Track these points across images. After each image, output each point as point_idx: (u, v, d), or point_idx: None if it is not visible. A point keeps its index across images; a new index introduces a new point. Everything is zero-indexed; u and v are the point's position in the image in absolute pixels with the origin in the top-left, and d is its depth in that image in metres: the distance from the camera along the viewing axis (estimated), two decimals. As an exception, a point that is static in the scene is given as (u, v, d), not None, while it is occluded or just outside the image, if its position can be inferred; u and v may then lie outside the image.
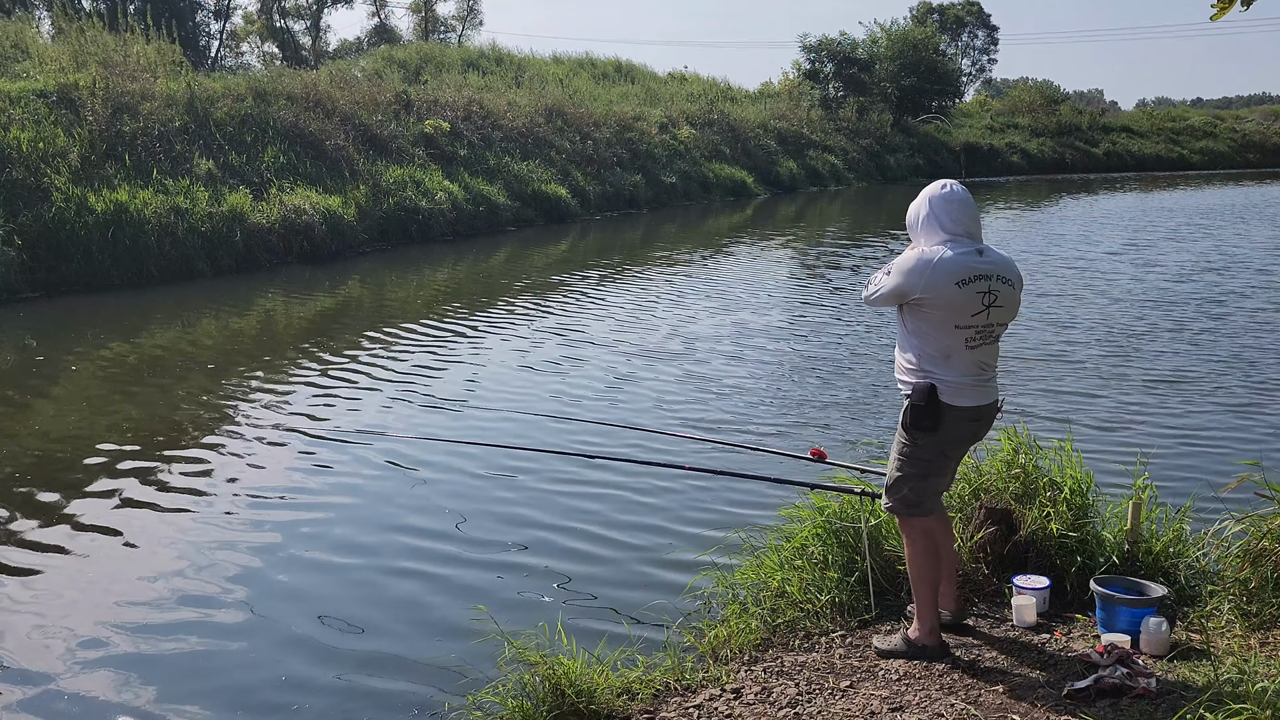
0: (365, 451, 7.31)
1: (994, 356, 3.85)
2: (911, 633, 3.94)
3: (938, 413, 3.71)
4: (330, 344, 11.05)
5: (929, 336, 3.74)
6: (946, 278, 3.65)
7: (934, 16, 66.30)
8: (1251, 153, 52.34)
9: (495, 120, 25.36)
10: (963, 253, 3.68)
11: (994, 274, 3.71)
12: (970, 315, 3.69)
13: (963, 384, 3.74)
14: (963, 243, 3.71)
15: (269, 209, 16.86)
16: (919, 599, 3.92)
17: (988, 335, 3.75)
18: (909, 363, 3.81)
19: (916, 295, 3.69)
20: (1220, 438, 7.37)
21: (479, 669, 4.23)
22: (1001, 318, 3.77)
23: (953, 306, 3.67)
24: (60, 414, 8.46)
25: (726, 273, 16.54)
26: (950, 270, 3.65)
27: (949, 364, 3.73)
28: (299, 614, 4.91)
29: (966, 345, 3.72)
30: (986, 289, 3.69)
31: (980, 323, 3.71)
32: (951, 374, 3.73)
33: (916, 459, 3.81)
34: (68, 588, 5.18)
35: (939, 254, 3.68)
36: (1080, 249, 18.55)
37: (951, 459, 3.92)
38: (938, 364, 3.73)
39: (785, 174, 34.14)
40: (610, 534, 5.80)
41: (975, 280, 3.67)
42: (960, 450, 3.96)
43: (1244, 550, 4.17)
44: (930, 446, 3.78)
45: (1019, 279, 3.83)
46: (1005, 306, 3.76)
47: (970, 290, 3.67)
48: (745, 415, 8.09)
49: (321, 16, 56.53)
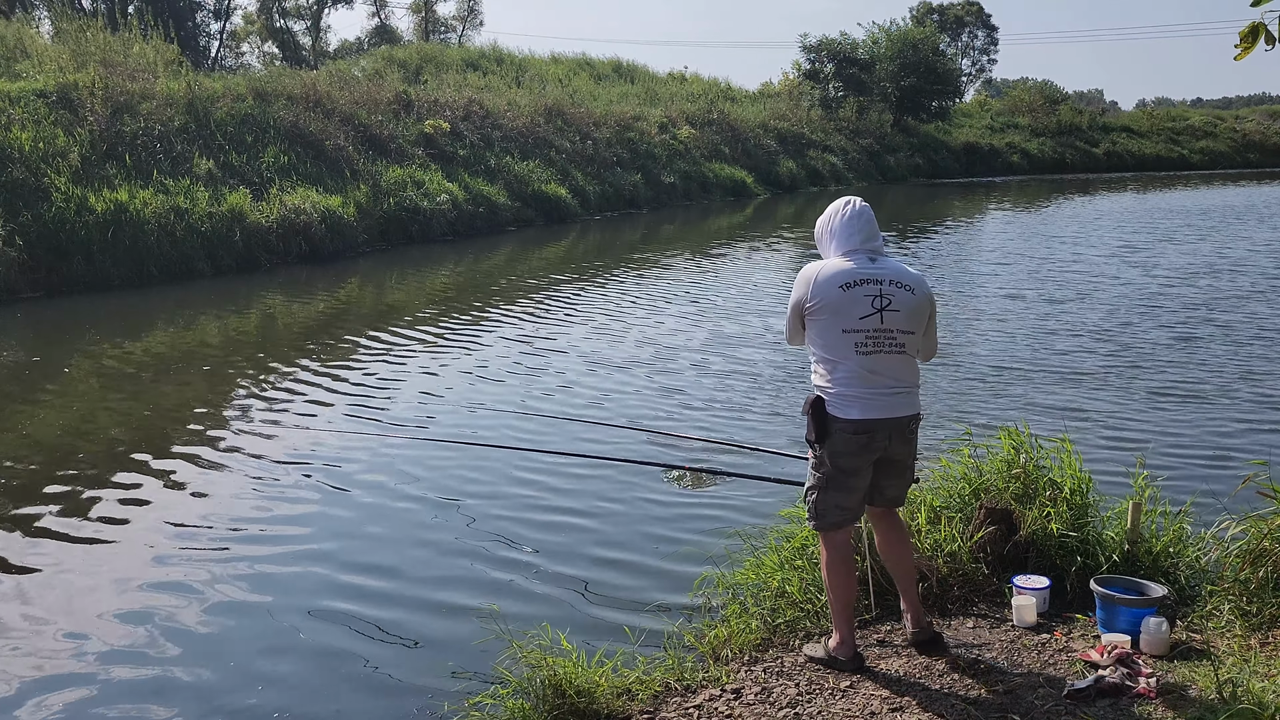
0: (366, 450, 7.31)
1: (901, 369, 3.77)
2: (830, 644, 3.95)
3: (823, 425, 3.73)
4: (330, 344, 11.05)
5: (820, 344, 3.78)
6: (831, 281, 3.75)
7: (934, 16, 66.30)
8: (1251, 153, 52.34)
9: (495, 120, 25.37)
10: (854, 260, 3.78)
11: (885, 279, 3.75)
12: (859, 318, 3.71)
13: (851, 395, 3.70)
14: (857, 254, 3.80)
15: (269, 209, 16.87)
16: (831, 610, 3.94)
17: (883, 341, 3.72)
18: (812, 376, 3.88)
19: (808, 304, 3.77)
20: (1220, 438, 7.37)
21: (479, 669, 4.23)
22: (899, 323, 3.74)
23: (838, 309, 3.72)
24: (59, 414, 8.46)
25: (730, 272, 16.55)
26: (835, 274, 3.76)
27: (838, 373, 3.73)
28: (297, 613, 4.90)
29: (857, 350, 3.71)
30: (877, 292, 3.72)
31: (871, 326, 3.71)
32: (840, 384, 3.72)
33: (816, 471, 3.84)
34: (62, 587, 5.19)
35: (829, 263, 3.81)
36: (1080, 250, 18.55)
37: (849, 472, 3.76)
38: (828, 374, 3.76)
39: (785, 174, 34.15)
40: (610, 534, 5.80)
41: (862, 284, 3.73)
42: (854, 463, 3.75)
43: (1244, 550, 4.17)
44: (824, 459, 3.78)
45: (921, 287, 3.81)
46: (903, 312, 3.75)
47: (857, 293, 3.72)
48: (746, 414, 8.08)
49: (321, 17, 56.59)
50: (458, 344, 10.99)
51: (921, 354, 3.92)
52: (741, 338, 11.14)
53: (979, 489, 4.71)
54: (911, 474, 4.02)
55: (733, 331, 11.49)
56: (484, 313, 12.78)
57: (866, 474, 3.81)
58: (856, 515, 3.90)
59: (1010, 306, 12.74)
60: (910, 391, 3.81)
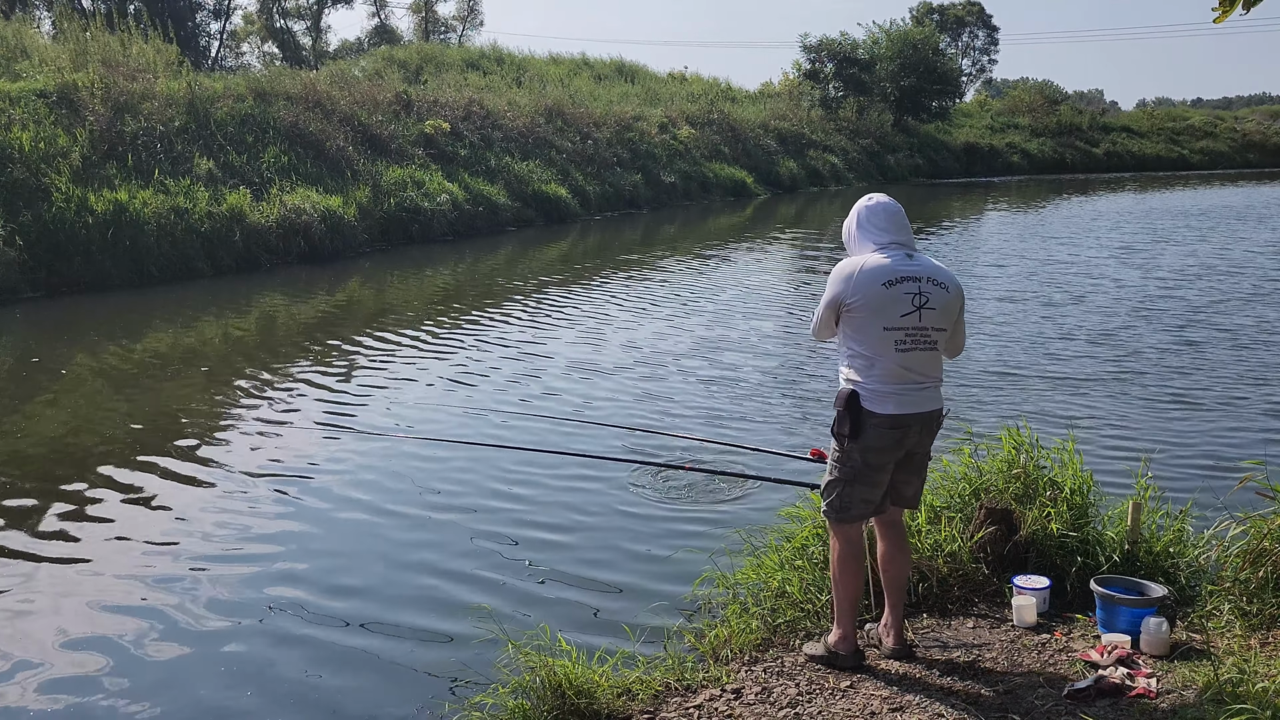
0: (366, 451, 7.30)
1: (930, 365, 3.80)
2: (831, 639, 3.96)
3: (858, 419, 3.74)
4: (330, 345, 11.05)
5: (859, 340, 3.77)
6: (873, 279, 3.72)
7: (934, 16, 66.28)
8: (1251, 153, 52.37)
9: (495, 120, 25.36)
10: (891, 256, 3.76)
11: (924, 276, 3.75)
12: (899, 315, 3.71)
13: (886, 391, 3.73)
14: (892, 249, 3.79)
15: (269, 209, 16.86)
16: (836, 604, 3.94)
17: (919, 339, 3.74)
18: (842, 370, 3.88)
19: (848, 301, 3.75)
20: (1221, 438, 7.37)
21: (479, 670, 4.23)
22: (935, 321, 3.76)
23: (881, 307, 3.71)
24: (58, 414, 8.46)
25: (733, 272, 16.55)
26: (877, 271, 3.73)
27: (874, 369, 3.74)
28: (297, 614, 4.91)
29: (896, 348, 3.72)
30: (916, 290, 3.72)
31: (910, 324, 3.72)
32: (875, 381, 3.74)
33: (843, 465, 3.84)
34: (56, 587, 5.19)
35: (867, 259, 3.77)
36: (1080, 250, 18.55)
37: (876, 468, 3.80)
38: (864, 370, 3.76)
39: (785, 174, 34.16)
40: (610, 534, 5.80)
41: (903, 281, 3.72)
42: (884, 459, 3.80)
43: (1244, 550, 4.17)
44: (853, 453, 3.79)
45: (954, 285, 3.82)
46: (938, 309, 3.76)
47: (898, 290, 3.71)
48: (745, 416, 8.08)
49: (321, 17, 56.59)
50: (458, 344, 10.98)
51: (949, 350, 3.92)
52: (769, 331, 11.14)
53: (979, 489, 4.71)
54: (926, 473, 4.04)
55: (733, 335, 11.49)
56: (484, 313, 12.77)
57: (891, 469, 3.84)
58: (879, 509, 3.92)
59: (1009, 308, 12.73)
60: (938, 386, 3.86)
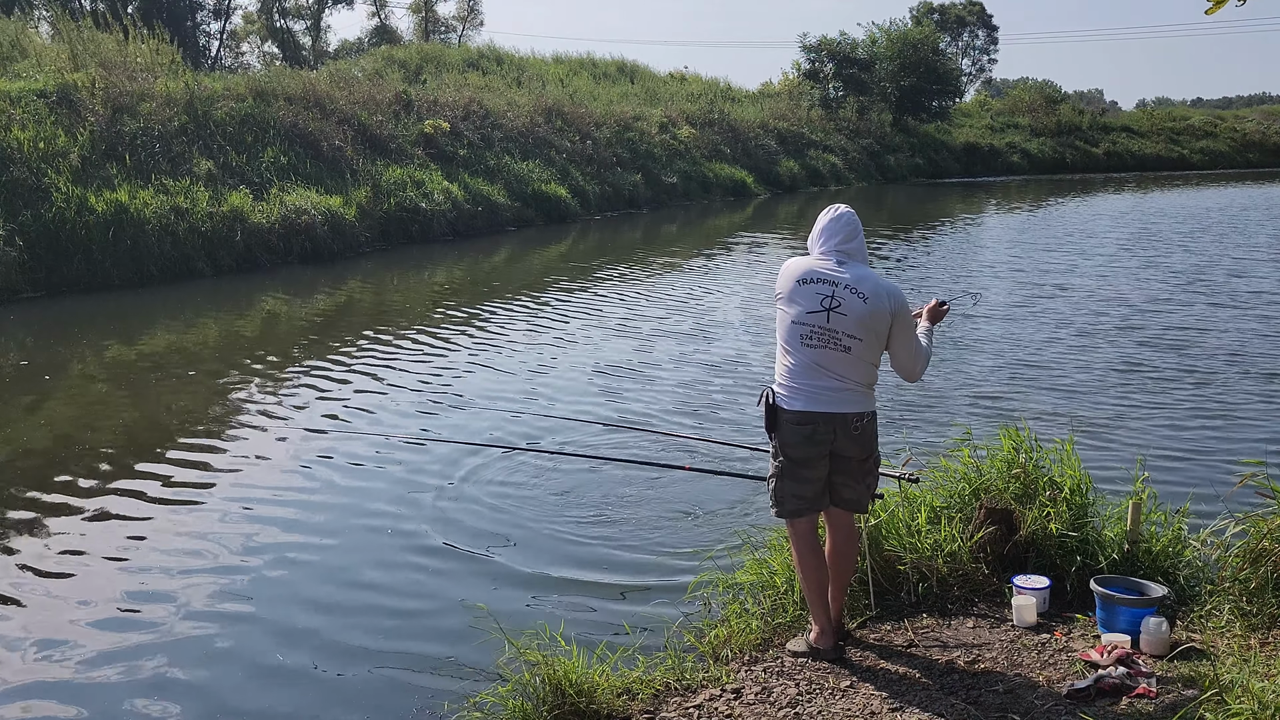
0: (367, 451, 7.30)
1: (847, 367, 3.86)
2: (810, 635, 4.05)
3: (773, 415, 3.92)
4: (330, 345, 11.05)
5: (779, 332, 4.00)
6: (793, 275, 3.97)
7: (934, 16, 66.25)
8: (1251, 153, 52.30)
9: (495, 120, 25.35)
10: (822, 260, 3.96)
11: (842, 282, 3.89)
12: (807, 312, 3.89)
13: (797, 388, 3.89)
14: (825, 255, 3.97)
15: (269, 209, 16.86)
16: (806, 601, 4.09)
17: (829, 339, 3.85)
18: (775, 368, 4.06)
19: (776, 294, 4.03)
20: (1221, 438, 7.37)
21: (479, 669, 4.23)
22: (846, 326, 3.85)
23: (792, 301, 3.94)
24: (58, 414, 8.46)
25: (737, 272, 16.55)
26: (798, 270, 3.97)
27: (790, 363, 3.92)
28: (299, 610, 4.91)
29: (803, 342, 3.89)
30: (830, 293, 3.88)
31: (817, 323, 3.87)
32: (790, 377, 3.91)
33: (773, 459, 4.00)
34: (54, 588, 5.19)
35: (799, 259, 4.03)
36: (1080, 251, 18.55)
37: (799, 463, 3.90)
38: (781, 365, 3.96)
39: (785, 174, 34.17)
40: (610, 534, 5.80)
41: (818, 282, 3.91)
42: (803, 454, 3.88)
43: (1244, 550, 4.17)
44: (777, 449, 3.96)
45: (877, 298, 3.86)
46: (850, 316, 3.85)
47: (810, 289, 3.91)
48: (745, 415, 8.08)
49: (321, 16, 56.58)
50: (458, 345, 10.98)
51: (897, 367, 4.04)
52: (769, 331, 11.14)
53: (979, 489, 4.71)
54: (871, 480, 4.04)
55: (732, 334, 11.48)
56: (484, 314, 12.77)
57: (820, 466, 3.92)
58: (816, 506, 4.00)
59: (1009, 308, 12.73)
60: (856, 390, 3.90)
